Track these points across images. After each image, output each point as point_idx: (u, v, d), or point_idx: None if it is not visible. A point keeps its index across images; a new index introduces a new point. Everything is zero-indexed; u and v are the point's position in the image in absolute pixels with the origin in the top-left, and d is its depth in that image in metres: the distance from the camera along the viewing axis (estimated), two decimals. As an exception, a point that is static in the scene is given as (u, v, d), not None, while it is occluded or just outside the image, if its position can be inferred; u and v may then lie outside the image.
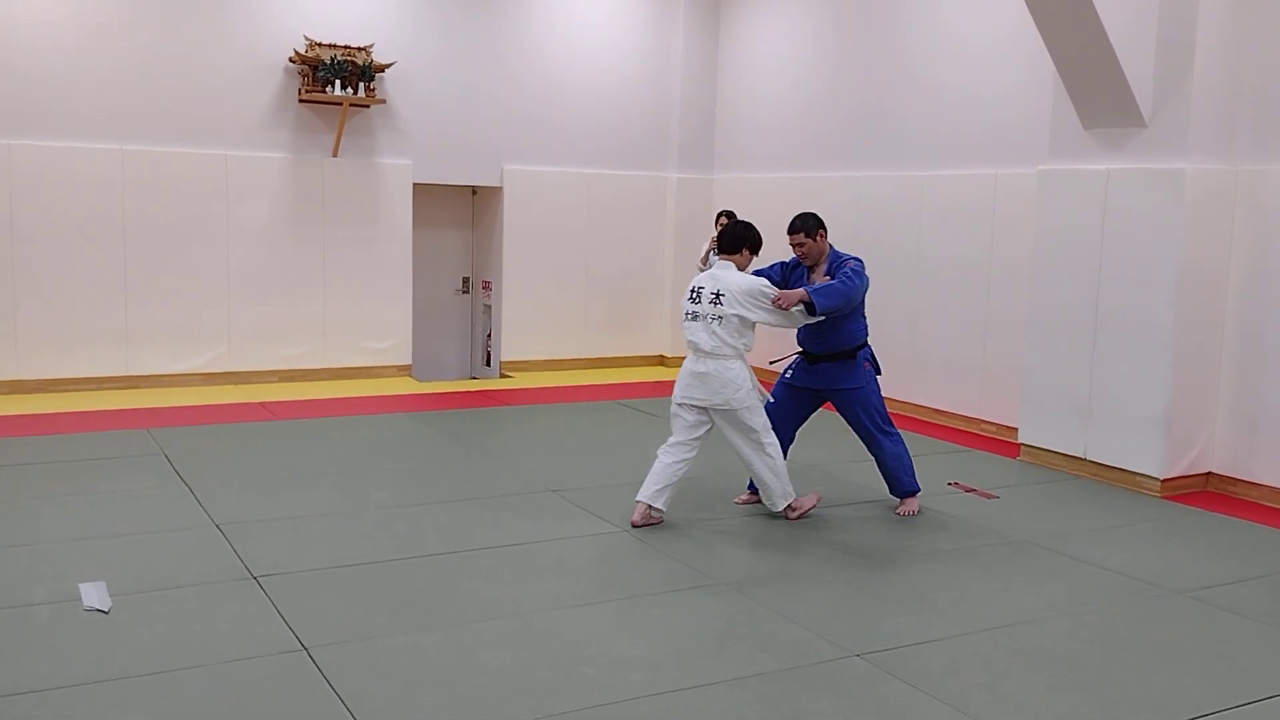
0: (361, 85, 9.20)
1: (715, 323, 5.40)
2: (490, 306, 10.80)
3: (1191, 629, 4.51)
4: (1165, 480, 6.56)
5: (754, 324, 5.47)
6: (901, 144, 8.94)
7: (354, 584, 4.67)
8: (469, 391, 9.58)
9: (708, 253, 8.96)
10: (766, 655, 4.07)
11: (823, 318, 5.56)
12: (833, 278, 5.68)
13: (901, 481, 6.02)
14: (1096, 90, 6.61)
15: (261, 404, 8.47)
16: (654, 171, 11.03)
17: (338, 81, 9.06)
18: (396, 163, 9.77)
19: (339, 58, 9.06)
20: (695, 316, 5.47)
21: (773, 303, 5.42)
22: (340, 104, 9.19)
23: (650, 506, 5.54)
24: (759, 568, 5.06)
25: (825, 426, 6.72)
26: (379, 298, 9.83)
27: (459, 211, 10.97)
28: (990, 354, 8.17)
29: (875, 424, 5.92)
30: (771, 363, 6.28)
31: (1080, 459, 7.00)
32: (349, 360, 9.74)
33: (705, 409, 5.54)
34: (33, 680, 3.65)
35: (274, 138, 9.27)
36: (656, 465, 5.59)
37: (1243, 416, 6.58)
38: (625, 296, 11.04)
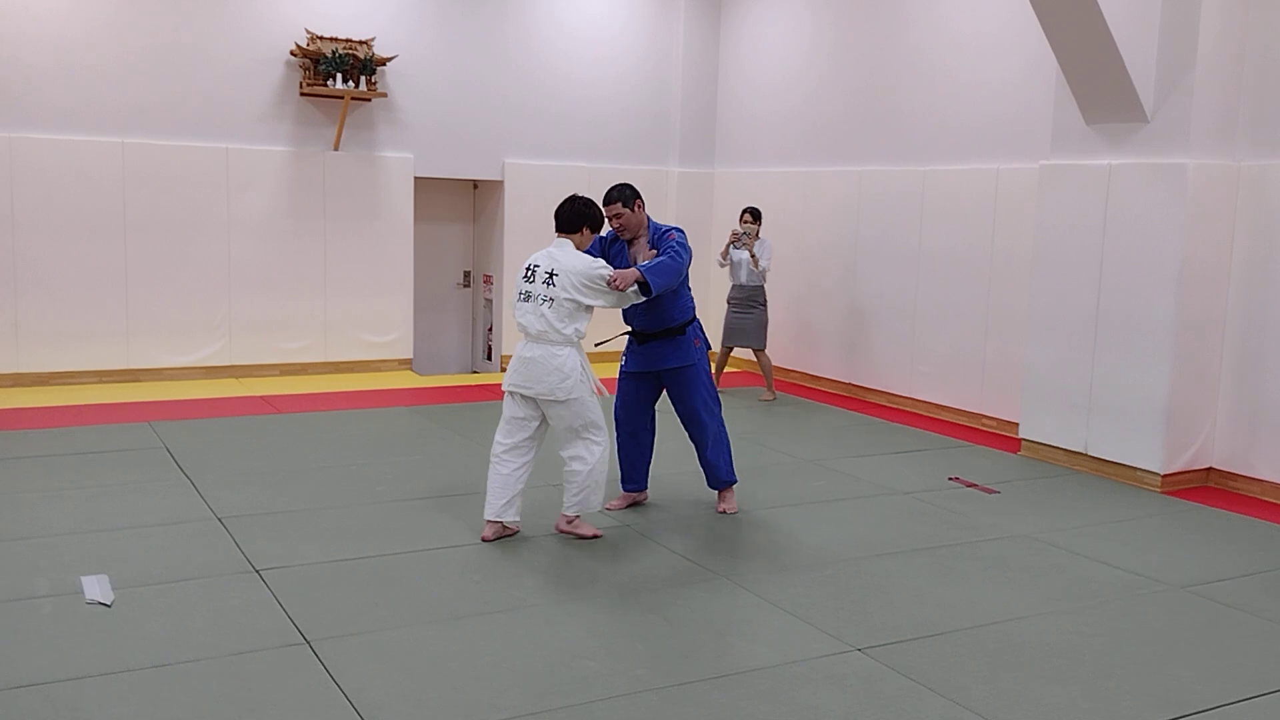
0: (363, 79, 9.20)
1: (545, 305, 5.03)
2: (491, 300, 10.80)
3: (1192, 624, 4.51)
4: (1166, 475, 6.56)
5: (589, 309, 5.12)
6: (903, 138, 8.94)
7: (355, 577, 4.68)
8: (470, 385, 9.58)
9: (728, 246, 8.95)
10: (766, 649, 4.07)
11: (656, 295, 5.27)
12: (658, 251, 5.39)
13: (720, 470, 5.76)
14: (1098, 85, 6.61)
15: (263, 397, 8.48)
16: (655, 165, 11.02)
17: (339, 75, 9.06)
18: (397, 156, 9.77)
19: (340, 51, 9.05)
20: (527, 297, 5.10)
21: (608, 284, 5.09)
22: (341, 97, 9.18)
23: (503, 524, 5.22)
24: (757, 561, 5.07)
25: (827, 424, 6.71)
26: (380, 291, 9.83)
27: (460, 205, 10.97)
28: (991, 349, 8.18)
29: (704, 403, 5.64)
30: (598, 344, 5.99)
31: (1081, 454, 7.00)
32: (350, 354, 9.74)
33: (533, 399, 5.13)
34: (36, 673, 3.66)
35: (275, 131, 9.26)
36: (495, 477, 5.17)
37: (1243, 411, 6.58)
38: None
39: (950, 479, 6.68)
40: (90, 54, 8.55)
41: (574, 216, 5.27)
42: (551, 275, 5.08)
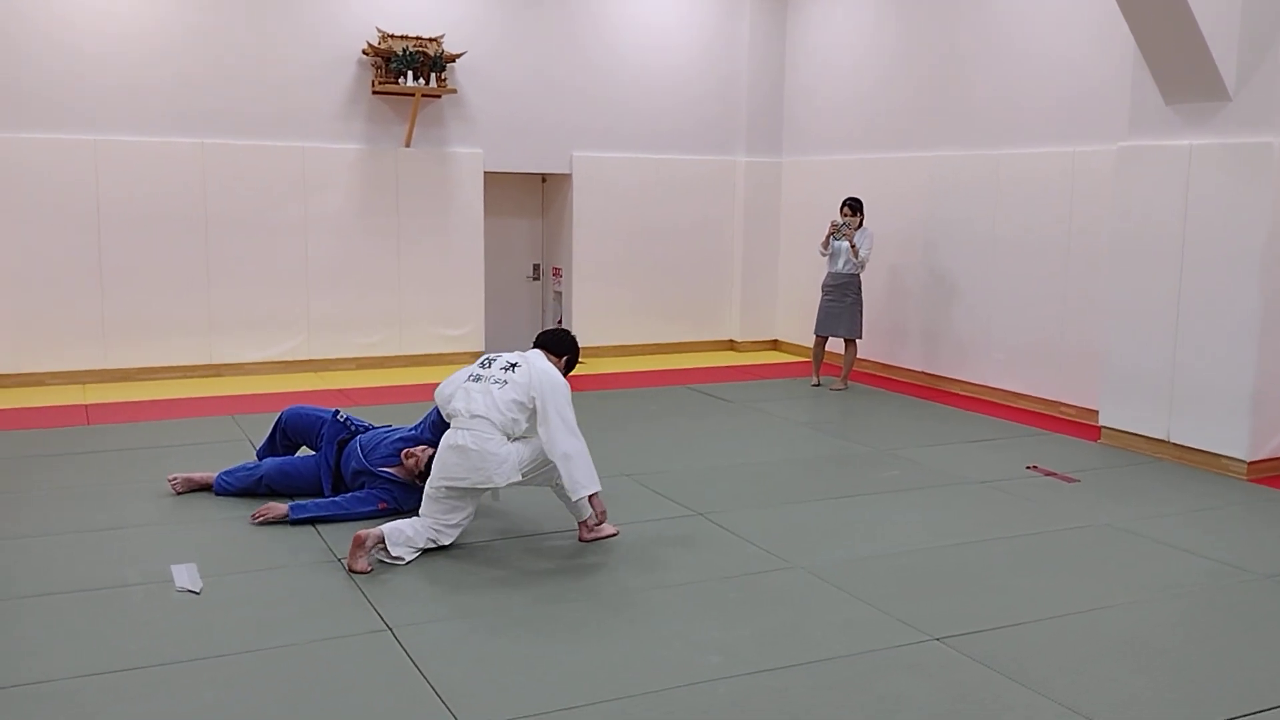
0: (433, 75, 9.30)
1: (496, 385, 4.82)
2: (561, 293, 10.87)
3: (1278, 613, 4.41)
4: (1252, 463, 6.40)
5: (530, 428, 4.86)
6: (975, 121, 8.81)
7: (434, 566, 4.76)
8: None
9: (828, 237, 8.90)
10: (844, 638, 4.06)
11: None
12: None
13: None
14: (1178, 63, 6.44)
15: (340, 390, 8.64)
16: (722, 155, 10.99)
17: (410, 72, 9.18)
18: (467, 151, 9.87)
19: (411, 49, 9.17)
20: (477, 379, 4.90)
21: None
22: (412, 95, 9.30)
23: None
24: (831, 550, 5.05)
25: (901, 413, 6.64)
26: (452, 285, 9.96)
27: (529, 199, 11.05)
28: (1069, 336, 8.03)
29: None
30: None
31: (1163, 442, 6.85)
32: (424, 347, 9.88)
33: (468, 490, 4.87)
34: (130, 658, 3.79)
35: (348, 129, 9.42)
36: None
37: (1334, 397, 6.39)
38: (695, 282, 11.03)
39: (1029, 468, 6.58)
40: (171, 61, 8.77)
41: (564, 345, 5.19)
42: (514, 365, 4.90)
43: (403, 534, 4.76)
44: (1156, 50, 6.49)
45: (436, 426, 5.45)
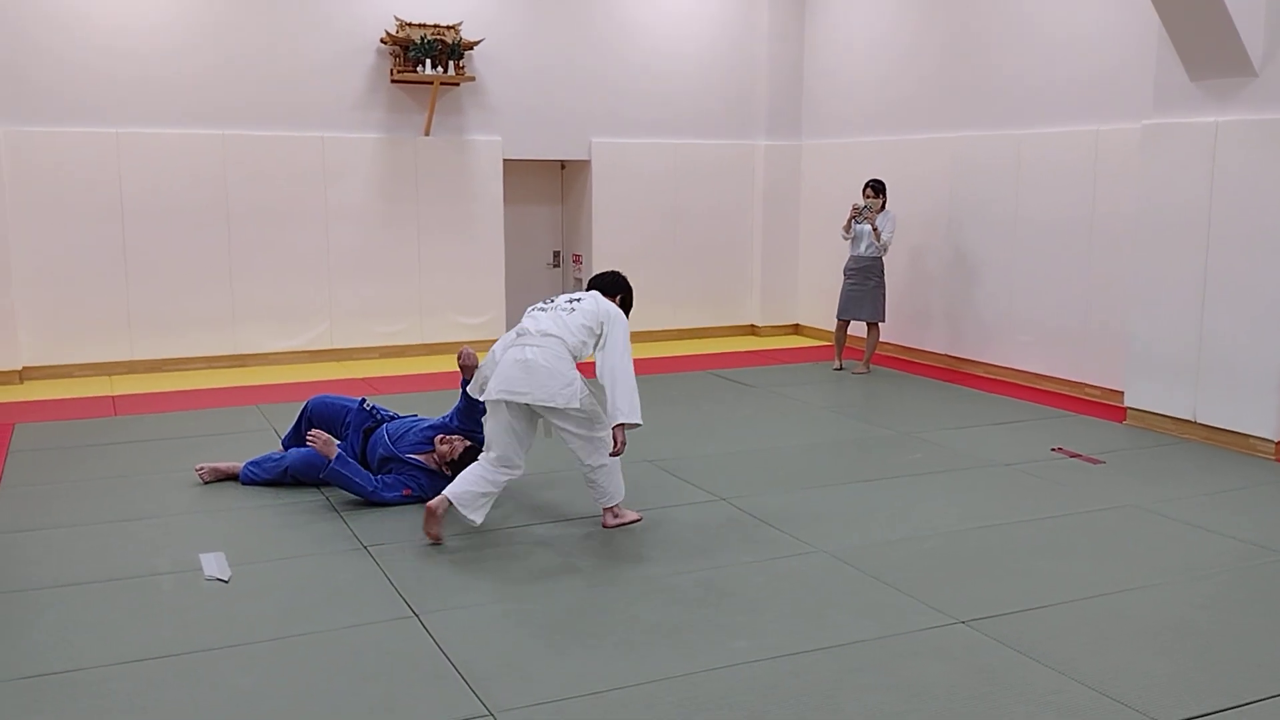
0: (451, 63, 9.30)
1: (565, 312, 4.88)
2: (581, 279, 10.87)
3: (1311, 595, 4.37)
4: (1280, 442, 6.35)
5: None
6: (997, 101, 8.74)
7: (459, 552, 4.78)
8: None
9: (850, 221, 8.86)
10: (869, 622, 4.06)
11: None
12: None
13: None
14: (1203, 39, 6.37)
15: (363, 379, 8.68)
16: (742, 139, 10.95)
17: (428, 61, 9.18)
18: (486, 139, 9.87)
19: (429, 37, 9.17)
20: (542, 310, 4.97)
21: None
22: (431, 83, 9.31)
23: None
24: (854, 534, 5.04)
25: (925, 396, 6.59)
26: (472, 273, 9.98)
27: (548, 186, 11.05)
28: (1093, 316, 7.97)
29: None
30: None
31: (1189, 422, 6.80)
32: (445, 335, 9.91)
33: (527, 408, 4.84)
34: (160, 646, 3.83)
35: (368, 119, 9.44)
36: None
37: (1364, 375, 6.32)
38: (715, 266, 11.01)
39: (1053, 449, 6.55)
40: (191, 53, 8.81)
41: (614, 282, 5.26)
42: (578, 299, 4.97)
43: (469, 494, 4.77)
44: (1181, 26, 6.42)
45: (464, 414, 5.48)
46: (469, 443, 5.34)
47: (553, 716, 3.37)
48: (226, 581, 4.42)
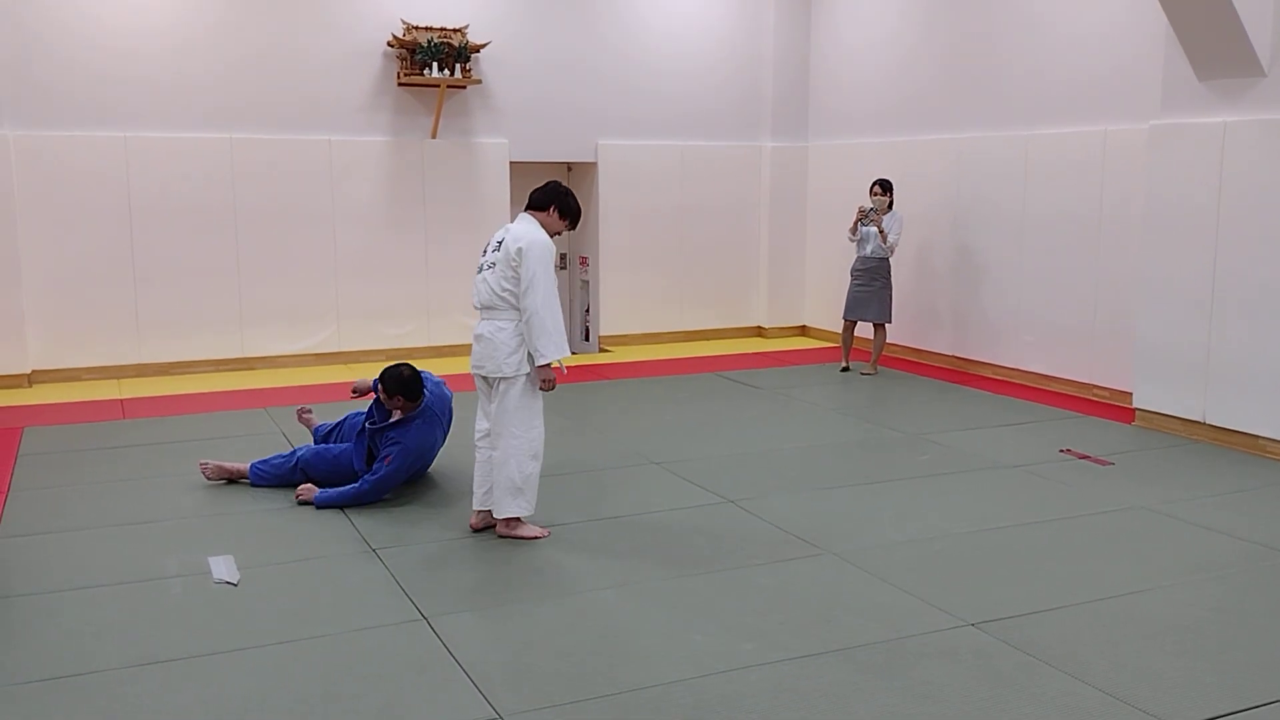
0: (457, 66, 9.31)
1: (489, 270, 4.89)
2: (588, 282, 10.88)
3: (1322, 596, 4.36)
4: (1290, 443, 6.33)
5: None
6: (1003, 101, 8.72)
7: (466, 555, 4.79)
8: (569, 366, 9.66)
9: (856, 223, 8.85)
10: (878, 624, 4.05)
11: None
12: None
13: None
14: (1210, 39, 6.35)
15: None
16: (747, 141, 10.95)
17: (435, 63, 9.19)
18: (493, 142, 9.88)
19: (435, 40, 9.18)
20: (479, 269, 4.97)
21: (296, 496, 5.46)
22: (438, 86, 9.32)
23: (489, 512, 5.05)
24: (862, 536, 5.03)
25: (932, 397, 6.59)
26: (479, 276, 9.97)
27: (555, 188, 11.04)
28: (1101, 317, 7.95)
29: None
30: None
31: (1198, 423, 6.78)
32: (452, 338, 9.91)
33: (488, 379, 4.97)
34: (170, 649, 3.83)
35: (375, 121, 9.45)
36: (477, 465, 5.06)
37: (1374, 376, 6.29)
38: (721, 268, 11.01)
39: (1062, 451, 6.54)
40: (198, 57, 8.83)
41: (546, 194, 5.08)
42: (500, 243, 4.92)
43: (509, 485, 4.86)
44: (1188, 25, 6.40)
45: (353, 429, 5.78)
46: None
47: None
48: (235, 584, 4.43)
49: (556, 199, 5.06)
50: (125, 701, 3.46)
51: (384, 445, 5.48)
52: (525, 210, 5.10)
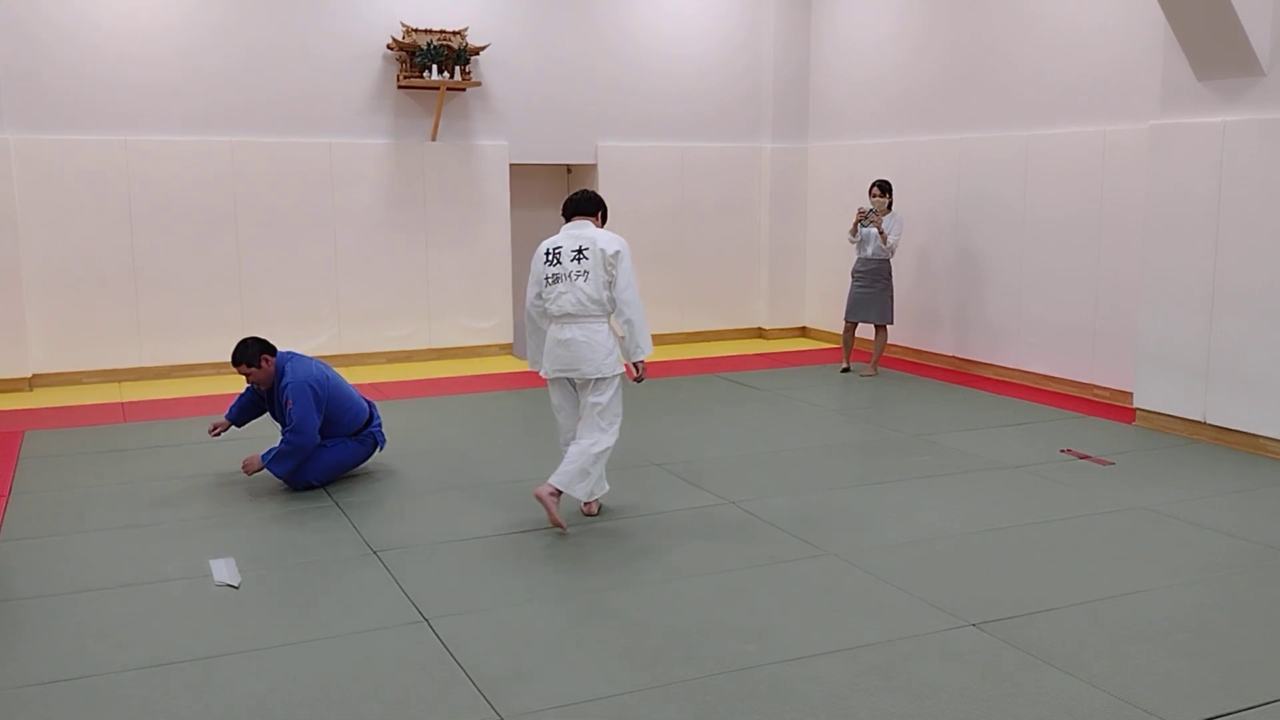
0: (457, 69, 9.32)
1: (580, 279, 5.12)
2: (589, 283, 10.86)
3: (1324, 595, 4.35)
4: (1291, 443, 6.33)
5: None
6: (1003, 102, 8.72)
7: (468, 557, 4.79)
8: (570, 368, 9.65)
9: (856, 224, 8.85)
10: (879, 624, 4.05)
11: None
12: (281, 405, 5.70)
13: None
14: (1209, 38, 6.35)
15: (372, 384, 8.69)
16: (747, 142, 10.95)
17: (434, 66, 9.20)
18: (493, 144, 9.89)
19: (435, 43, 9.19)
20: (555, 279, 5.17)
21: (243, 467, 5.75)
22: (437, 88, 9.33)
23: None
24: (864, 536, 5.03)
25: (932, 398, 6.60)
26: (479, 277, 9.99)
27: (554, 190, 11.05)
28: (1101, 318, 7.95)
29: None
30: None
31: (1199, 423, 6.78)
32: (452, 340, 9.92)
33: (571, 382, 5.27)
34: (171, 652, 3.83)
35: (375, 124, 9.46)
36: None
37: (1375, 375, 6.29)
38: (722, 269, 11.01)
39: (1062, 451, 6.54)
40: (198, 61, 8.84)
41: (592, 200, 5.37)
42: (581, 250, 5.16)
43: (575, 472, 5.03)
44: (1187, 25, 6.41)
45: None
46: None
47: (563, 721, 3.37)
48: (236, 587, 4.43)
49: (601, 204, 5.40)
50: (127, 704, 3.46)
51: (281, 400, 5.69)
52: (575, 217, 5.34)
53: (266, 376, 5.81)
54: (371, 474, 6.09)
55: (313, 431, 5.63)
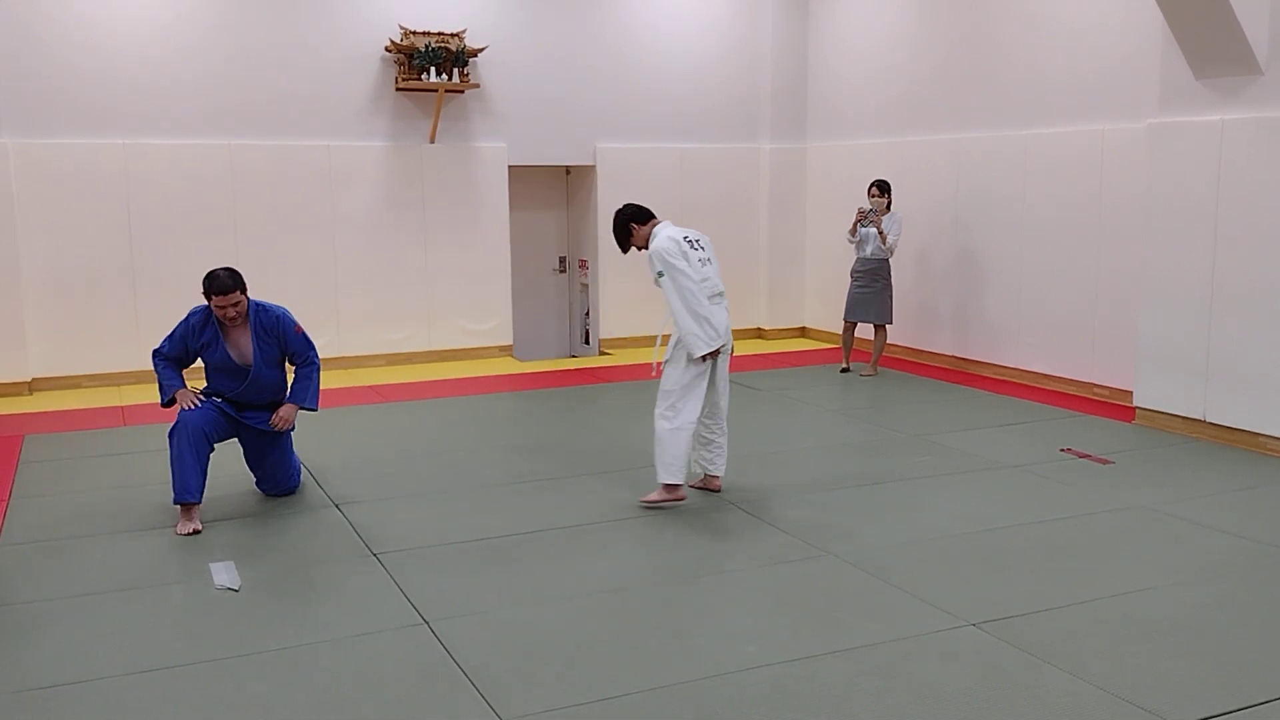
0: (455, 71, 9.32)
1: (714, 266, 5.70)
2: (587, 285, 10.88)
3: (1324, 594, 4.36)
4: (1291, 441, 6.33)
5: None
6: (1002, 101, 8.73)
7: (469, 559, 4.79)
8: (570, 369, 9.67)
9: (855, 224, 8.86)
10: (880, 624, 4.05)
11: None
12: (290, 355, 5.67)
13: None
14: (1207, 37, 6.36)
15: (371, 387, 8.69)
16: (746, 143, 10.96)
17: (433, 68, 9.20)
18: (492, 146, 9.89)
19: (433, 45, 9.19)
20: (708, 261, 5.67)
21: (270, 425, 5.55)
22: (436, 90, 9.33)
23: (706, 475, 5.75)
24: (863, 537, 5.03)
25: (932, 398, 6.59)
26: (479, 280, 9.99)
27: (553, 191, 11.06)
28: (1101, 317, 7.96)
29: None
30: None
31: (1199, 421, 6.78)
32: (452, 342, 9.92)
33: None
34: (171, 656, 3.83)
35: (373, 126, 9.46)
36: (709, 443, 5.73)
37: (1374, 373, 6.29)
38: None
39: (1062, 450, 6.54)
40: (195, 63, 8.84)
41: (642, 210, 5.86)
42: (698, 241, 5.68)
43: (663, 452, 5.39)
44: (1185, 24, 6.41)
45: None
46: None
47: (563, 723, 3.37)
48: (237, 590, 4.43)
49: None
50: (127, 709, 3.46)
51: (277, 332, 5.58)
52: (644, 225, 5.80)
53: (244, 310, 5.57)
54: (372, 475, 6.09)
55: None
